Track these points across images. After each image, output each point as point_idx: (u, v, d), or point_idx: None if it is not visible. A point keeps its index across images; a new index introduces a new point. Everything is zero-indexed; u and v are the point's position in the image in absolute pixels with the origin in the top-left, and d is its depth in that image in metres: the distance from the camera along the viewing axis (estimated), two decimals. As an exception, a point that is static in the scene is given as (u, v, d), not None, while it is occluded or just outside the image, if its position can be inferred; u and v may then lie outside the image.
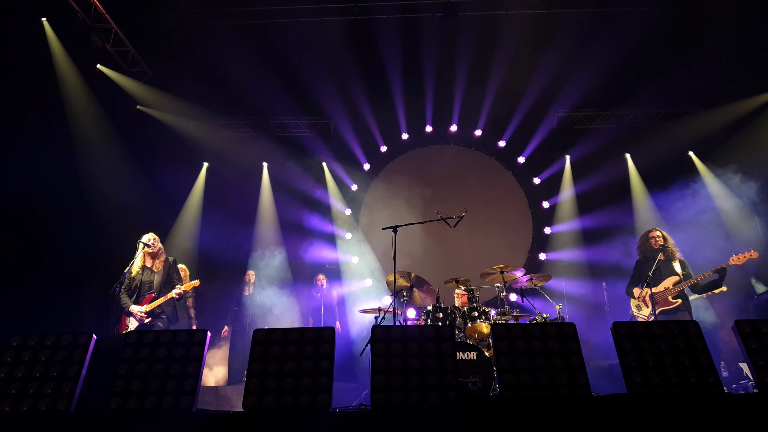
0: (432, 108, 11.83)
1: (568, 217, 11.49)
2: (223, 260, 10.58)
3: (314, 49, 10.15)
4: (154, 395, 3.58)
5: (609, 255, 10.13)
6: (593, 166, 11.31)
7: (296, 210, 11.82)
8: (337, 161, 12.21)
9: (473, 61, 10.37)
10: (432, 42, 10.18)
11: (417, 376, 3.54)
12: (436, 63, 10.66)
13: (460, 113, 11.89)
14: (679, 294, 6.48)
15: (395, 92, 11.24)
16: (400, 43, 10.17)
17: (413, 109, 11.86)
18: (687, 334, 3.63)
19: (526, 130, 11.77)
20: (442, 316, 6.89)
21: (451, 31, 9.69)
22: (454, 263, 11.02)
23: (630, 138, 11.31)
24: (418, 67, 10.75)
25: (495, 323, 5.80)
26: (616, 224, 10.53)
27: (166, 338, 3.84)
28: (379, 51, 10.31)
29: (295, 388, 3.54)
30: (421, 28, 9.95)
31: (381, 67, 10.61)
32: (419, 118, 12.11)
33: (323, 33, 9.90)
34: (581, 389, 3.41)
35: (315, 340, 3.75)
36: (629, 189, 11.17)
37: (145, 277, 6.48)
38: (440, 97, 11.55)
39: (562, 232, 11.52)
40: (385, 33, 10.00)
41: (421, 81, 11.06)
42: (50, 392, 3.63)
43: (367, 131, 12.05)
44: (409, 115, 12.00)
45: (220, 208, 11.39)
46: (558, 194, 11.74)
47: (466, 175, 12.14)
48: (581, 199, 11.41)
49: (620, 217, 10.62)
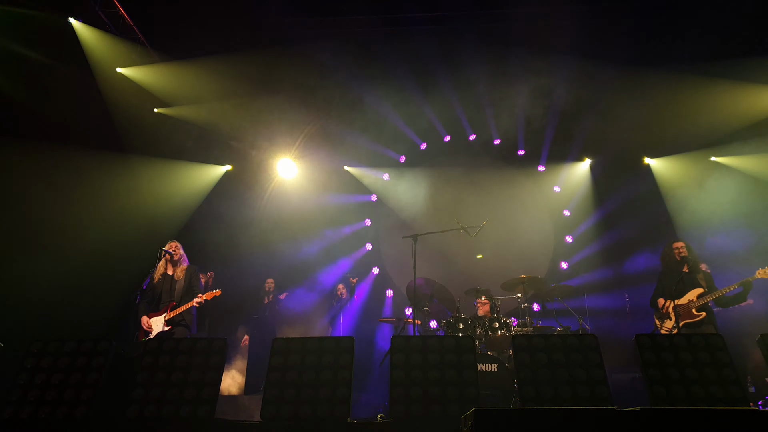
0: (453, 117, 11.79)
1: (589, 226, 11.34)
2: (241, 268, 10.60)
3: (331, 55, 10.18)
4: (172, 404, 3.58)
5: (632, 265, 9.96)
6: (615, 174, 11.16)
7: (316, 217, 11.80)
8: (358, 169, 12.21)
9: (494, 70, 10.33)
10: (454, 51, 10.19)
11: (437, 387, 3.50)
12: (458, 72, 10.65)
13: (480, 122, 11.84)
14: (703, 307, 6.34)
15: (418, 101, 11.22)
16: (421, 53, 10.19)
17: (433, 119, 11.82)
18: (712, 347, 3.54)
19: (547, 138, 11.66)
20: (462, 327, 6.83)
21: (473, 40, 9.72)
22: (474, 273, 10.92)
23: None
24: (439, 77, 10.74)
25: (516, 334, 5.73)
26: (640, 233, 10.32)
27: (186, 346, 3.85)
28: (399, 61, 10.34)
29: (313, 399, 3.52)
30: (446, 37, 10.00)
31: (402, 75, 10.62)
32: (438, 128, 12.07)
33: (347, 42, 9.96)
34: (604, 403, 3.34)
35: (334, 350, 3.73)
36: (656, 196, 10.90)
37: (166, 285, 6.48)
38: (461, 106, 11.51)
39: (584, 241, 11.37)
40: (410, 42, 10.05)
41: (442, 90, 11.03)
42: (68, 399, 3.65)
43: (388, 140, 12.04)
44: (428, 125, 11.96)
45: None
46: (579, 202, 11.60)
47: (486, 184, 12.06)
48: (603, 209, 11.25)
49: (644, 226, 10.41)
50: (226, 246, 10.64)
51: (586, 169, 11.70)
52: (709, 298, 6.29)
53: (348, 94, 10.99)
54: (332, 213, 11.98)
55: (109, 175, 9.34)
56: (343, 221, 12.01)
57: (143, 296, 6.37)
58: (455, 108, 11.50)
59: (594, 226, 11.26)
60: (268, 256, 10.95)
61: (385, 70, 10.49)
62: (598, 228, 11.19)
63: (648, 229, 10.20)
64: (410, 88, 10.81)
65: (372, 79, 10.56)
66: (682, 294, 6.51)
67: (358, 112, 11.24)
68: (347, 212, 12.10)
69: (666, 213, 10.33)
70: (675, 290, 6.43)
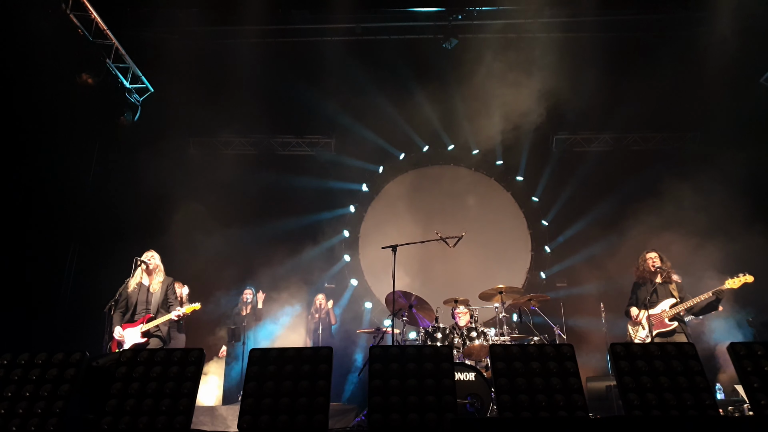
0: (430, 128, 11.89)
1: (568, 236, 11.47)
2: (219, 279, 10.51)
3: (315, 68, 10.24)
4: (147, 415, 3.54)
5: (609, 276, 10.07)
6: (593, 185, 11.32)
7: (295, 229, 11.75)
8: (336, 181, 12.21)
9: (472, 82, 10.46)
10: (431, 62, 10.30)
11: (415, 396, 3.51)
12: (436, 83, 10.76)
13: (458, 133, 11.96)
14: (676, 316, 6.49)
15: (394, 112, 11.30)
16: (401, 63, 10.29)
17: (411, 130, 11.91)
18: (684, 355, 3.61)
19: (524, 149, 11.83)
20: (440, 336, 6.87)
21: (450, 52, 9.83)
22: (453, 283, 10.98)
23: (626, 160, 11.37)
24: (416, 88, 10.85)
25: (493, 344, 5.77)
26: (617, 243, 10.46)
27: (162, 357, 3.81)
28: (377, 71, 10.41)
29: (291, 408, 3.50)
30: (421, 48, 10.08)
31: (380, 87, 10.71)
32: (417, 138, 12.17)
33: (323, 52, 10.01)
34: (579, 411, 3.38)
35: (312, 359, 3.72)
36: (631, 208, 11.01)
37: (141, 296, 6.37)
38: (438, 117, 11.62)
39: (562, 252, 11.50)
40: (386, 53, 10.12)
41: (420, 101, 11.14)
42: (40, 411, 3.57)
43: (366, 151, 12.09)
44: (406, 136, 12.04)
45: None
46: (556, 213, 11.73)
47: (464, 194, 12.17)
48: (581, 218, 11.38)
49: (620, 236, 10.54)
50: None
51: (567, 182, 11.77)
52: (680, 307, 6.44)
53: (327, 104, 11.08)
54: (311, 225, 11.94)
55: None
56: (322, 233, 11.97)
57: (117, 306, 6.27)
58: (433, 118, 11.62)
59: (573, 236, 11.40)
60: (246, 265, 10.88)
61: (371, 78, 10.57)
62: (576, 237, 11.32)
63: (625, 238, 10.32)
64: (387, 96, 10.90)
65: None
66: (655, 304, 6.67)
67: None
68: (326, 224, 12.07)
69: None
70: (649, 300, 6.57)
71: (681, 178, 10.10)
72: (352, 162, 12.12)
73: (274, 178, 11.79)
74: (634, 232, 10.02)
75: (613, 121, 11.15)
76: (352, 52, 10.05)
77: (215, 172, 11.41)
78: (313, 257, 11.58)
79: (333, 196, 12.18)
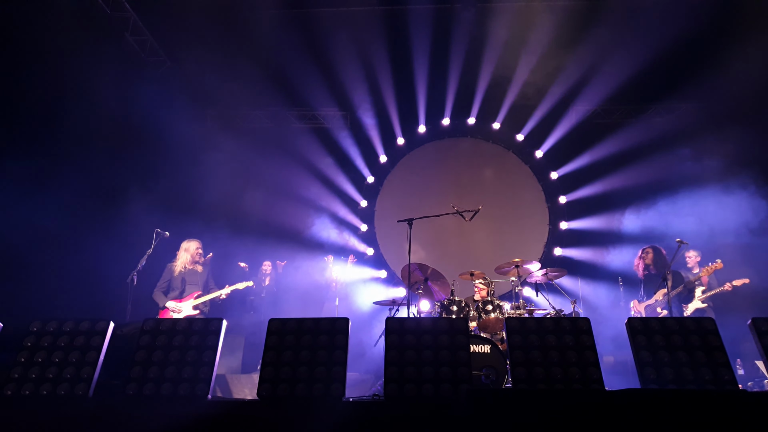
0: (452, 100, 11.75)
1: (585, 211, 11.38)
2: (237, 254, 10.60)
3: (334, 39, 10.12)
4: (169, 382, 3.64)
5: (625, 252, 10.00)
6: (614, 162, 11.15)
7: (312, 200, 11.79)
8: (354, 153, 12.19)
9: (495, 54, 10.28)
10: (452, 33, 10.11)
11: (430, 367, 3.56)
12: (457, 55, 10.59)
13: (480, 106, 11.82)
14: (666, 305, 6.78)
15: (414, 84, 11.19)
16: (420, 34, 10.10)
17: (431, 102, 11.78)
18: (703, 330, 3.60)
19: (545, 123, 11.66)
20: (456, 309, 6.90)
21: (470, 22, 9.65)
22: (469, 256, 10.99)
23: (654, 135, 11.13)
24: (437, 59, 10.66)
25: (509, 317, 5.80)
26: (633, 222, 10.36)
27: (182, 326, 3.90)
28: (398, 43, 10.26)
29: (309, 378, 3.57)
30: (441, 18, 9.89)
31: (399, 58, 10.58)
32: (437, 110, 12.04)
33: (343, 22, 9.88)
34: (595, 384, 3.40)
35: (329, 331, 3.78)
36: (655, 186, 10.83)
37: (189, 276, 7.25)
38: (459, 89, 11.47)
39: (579, 228, 11.42)
40: (406, 24, 9.93)
41: (440, 73, 10.99)
42: (69, 377, 3.72)
43: (384, 123, 12.02)
44: (426, 108, 11.93)
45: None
46: (576, 190, 11.61)
47: (483, 168, 12.10)
48: (600, 195, 11.26)
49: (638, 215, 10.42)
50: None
51: (586, 157, 11.62)
52: (667, 297, 6.69)
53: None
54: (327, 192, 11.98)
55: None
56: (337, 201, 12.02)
57: (159, 285, 7.14)
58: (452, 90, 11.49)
59: (590, 212, 11.30)
60: (265, 237, 10.96)
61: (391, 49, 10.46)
62: (594, 213, 11.23)
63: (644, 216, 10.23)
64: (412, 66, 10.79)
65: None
66: (650, 296, 7.39)
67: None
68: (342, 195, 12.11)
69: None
70: (644, 294, 7.57)
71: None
72: (371, 133, 12.07)
73: (291, 150, 11.79)
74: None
75: (633, 94, 10.89)
76: (370, 23, 9.91)
77: (231, 145, 11.42)
78: (329, 228, 11.64)
79: (350, 166, 12.18)
